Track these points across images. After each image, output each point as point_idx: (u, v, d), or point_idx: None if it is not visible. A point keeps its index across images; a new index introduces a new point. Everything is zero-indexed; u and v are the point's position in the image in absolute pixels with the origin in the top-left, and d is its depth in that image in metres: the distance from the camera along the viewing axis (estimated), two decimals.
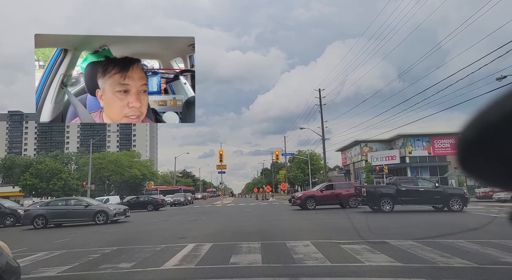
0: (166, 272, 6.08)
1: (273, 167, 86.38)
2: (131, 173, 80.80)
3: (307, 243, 8.16)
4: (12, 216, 19.71)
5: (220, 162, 42.12)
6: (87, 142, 75.86)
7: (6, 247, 3.12)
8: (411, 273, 5.40)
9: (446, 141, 46.32)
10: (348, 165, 61.61)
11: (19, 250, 9.15)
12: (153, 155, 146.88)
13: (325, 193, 21.89)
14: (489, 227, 10.55)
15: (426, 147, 48.14)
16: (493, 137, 0.63)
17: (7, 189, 67.05)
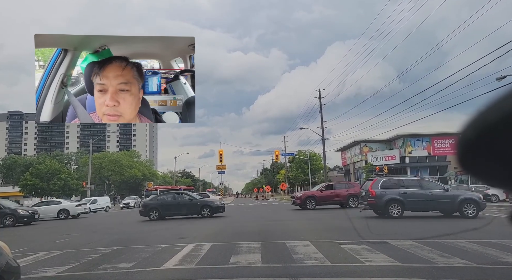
0: (166, 272, 6.08)
1: (273, 167, 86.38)
2: (131, 173, 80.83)
3: (307, 243, 8.16)
4: (12, 216, 19.71)
5: (220, 162, 42.11)
6: (87, 142, 75.84)
7: (6, 247, 3.12)
8: (411, 273, 5.40)
9: (446, 141, 46.36)
10: (348, 165, 61.64)
11: (19, 250, 9.15)
12: (153, 155, 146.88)
13: (325, 193, 21.91)
14: (489, 227, 10.56)
15: (426, 147, 48.17)
16: (493, 137, 0.63)
17: (7, 189, 67.05)
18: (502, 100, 0.61)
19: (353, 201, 21.39)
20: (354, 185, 23.83)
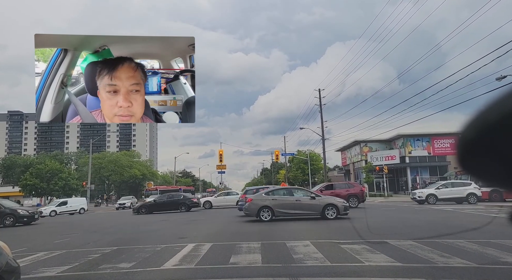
0: (166, 272, 6.08)
1: (273, 167, 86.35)
2: (131, 173, 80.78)
3: (307, 243, 8.16)
4: (12, 216, 19.71)
5: (220, 162, 42.09)
6: (87, 142, 75.82)
7: (6, 247, 3.12)
8: (411, 273, 5.40)
9: (446, 141, 46.32)
10: (348, 165, 61.61)
11: (19, 250, 9.14)
12: (153, 155, 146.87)
13: (325, 193, 21.92)
14: (489, 227, 10.55)
15: (426, 147, 48.13)
16: (493, 137, 0.63)
17: (7, 189, 67.00)
18: (502, 100, 0.61)
19: (353, 201, 21.37)
20: (354, 185, 23.81)
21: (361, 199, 22.20)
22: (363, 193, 22.86)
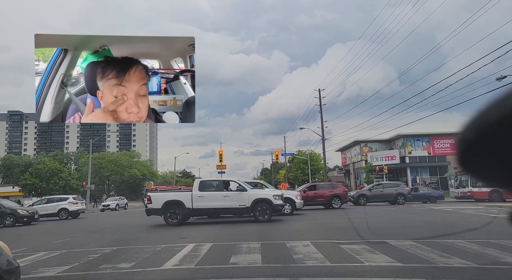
0: (166, 272, 6.08)
1: (273, 167, 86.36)
2: (131, 173, 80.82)
3: (307, 243, 8.16)
4: (12, 216, 19.71)
5: (220, 162, 42.06)
6: (87, 142, 75.82)
7: (6, 247, 3.11)
8: (411, 273, 5.40)
9: (446, 141, 46.33)
10: (348, 165, 61.62)
11: (19, 250, 9.14)
12: (153, 155, 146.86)
13: (309, 193, 21.99)
14: (489, 227, 10.55)
15: (426, 147, 48.15)
16: (493, 137, 0.63)
17: (7, 189, 67.02)
18: (502, 100, 0.61)
19: (336, 201, 21.62)
20: (338, 186, 23.81)
21: (344, 200, 22.33)
22: (346, 194, 23.01)
